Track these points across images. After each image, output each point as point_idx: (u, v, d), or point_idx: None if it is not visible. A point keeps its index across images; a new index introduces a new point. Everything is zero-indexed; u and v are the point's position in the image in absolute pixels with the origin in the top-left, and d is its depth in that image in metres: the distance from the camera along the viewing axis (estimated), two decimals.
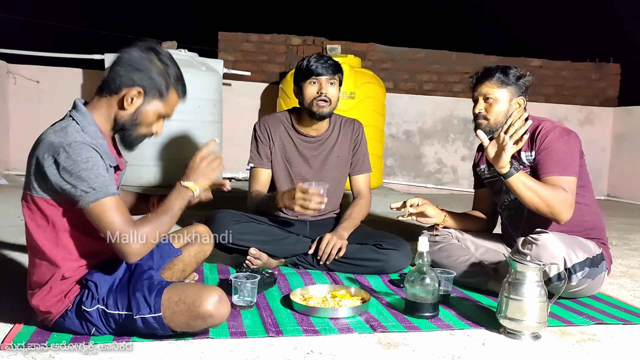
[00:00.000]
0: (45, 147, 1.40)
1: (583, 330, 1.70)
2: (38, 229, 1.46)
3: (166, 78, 1.51)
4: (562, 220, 1.92)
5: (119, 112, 1.50)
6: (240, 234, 2.22)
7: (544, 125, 2.06)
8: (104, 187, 1.38)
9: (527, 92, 2.13)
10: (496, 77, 2.08)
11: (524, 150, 2.06)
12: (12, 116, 4.92)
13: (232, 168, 5.00)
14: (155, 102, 1.51)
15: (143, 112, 1.51)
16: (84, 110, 1.48)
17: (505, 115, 2.08)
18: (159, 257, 1.77)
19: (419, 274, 1.74)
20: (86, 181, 1.37)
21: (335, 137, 2.46)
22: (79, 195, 1.37)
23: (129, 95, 1.47)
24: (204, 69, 4.48)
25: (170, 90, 1.52)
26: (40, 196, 1.43)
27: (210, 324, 1.46)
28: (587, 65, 6.28)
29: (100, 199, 1.38)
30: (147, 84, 1.48)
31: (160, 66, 1.50)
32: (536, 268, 1.60)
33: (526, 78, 2.10)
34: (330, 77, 2.30)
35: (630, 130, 5.92)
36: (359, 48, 5.66)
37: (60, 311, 1.48)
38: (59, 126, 1.44)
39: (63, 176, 1.37)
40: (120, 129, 1.53)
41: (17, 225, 2.88)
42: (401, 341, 1.56)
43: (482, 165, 2.30)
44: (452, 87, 5.99)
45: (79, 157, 1.37)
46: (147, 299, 1.43)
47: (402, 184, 5.72)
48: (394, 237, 2.38)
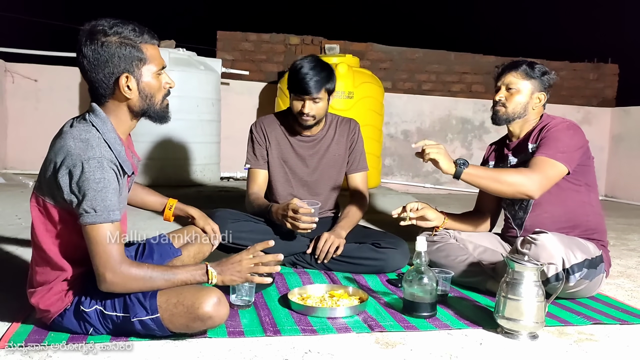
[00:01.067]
0: (64, 155, 1.38)
1: (580, 330, 1.71)
2: (47, 232, 1.45)
3: (129, 44, 1.44)
4: (533, 197, 1.96)
5: (128, 104, 1.49)
6: (238, 232, 2.22)
7: (555, 120, 2.11)
8: (105, 212, 1.37)
9: (550, 89, 2.17)
10: (522, 69, 2.13)
11: (530, 142, 2.10)
12: (10, 115, 4.92)
13: (230, 167, 5.00)
14: (144, 69, 1.48)
15: (145, 86, 1.48)
16: (103, 116, 1.46)
17: (523, 107, 2.13)
18: (159, 257, 1.77)
19: (417, 274, 1.75)
20: (91, 201, 1.35)
21: (332, 136, 2.47)
22: (81, 212, 1.36)
23: (123, 86, 1.45)
24: (202, 68, 4.48)
25: (142, 48, 1.47)
26: (52, 203, 1.42)
27: (209, 325, 1.46)
28: (585, 65, 6.29)
29: (98, 223, 1.36)
30: (124, 64, 1.44)
31: (116, 39, 1.43)
32: (534, 268, 1.61)
33: (551, 75, 2.15)
34: (314, 96, 2.26)
35: (628, 130, 5.93)
36: (358, 48, 5.66)
37: (59, 310, 1.48)
38: (79, 131, 1.41)
39: (73, 189, 1.36)
40: (142, 114, 1.52)
41: (15, 224, 2.87)
42: (399, 341, 1.57)
43: (490, 162, 2.32)
44: (450, 87, 6.00)
45: (93, 176, 1.36)
46: (142, 301, 1.43)
47: (401, 183, 5.73)
48: (392, 236, 2.38)
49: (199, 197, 3.91)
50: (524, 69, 2.12)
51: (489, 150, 2.38)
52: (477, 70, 5.97)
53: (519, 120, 2.15)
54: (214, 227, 1.95)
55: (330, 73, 2.33)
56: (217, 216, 2.24)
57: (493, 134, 5.62)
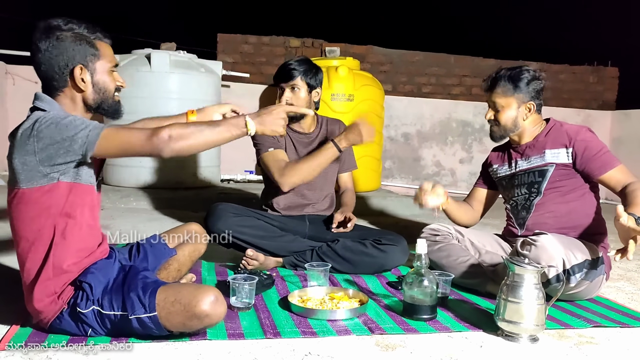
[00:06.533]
0: (27, 126, 1.40)
1: (581, 333, 1.70)
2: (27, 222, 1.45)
3: (84, 39, 1.50)
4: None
5: (83, 96, 1.52)
6: (239, 226, 2.24)
7: (571, 127, 2.13)
8: (96, 124, 1.39)
9: (541, 94, 2.16)
10: (502, 86, 2.12)
11: (549, 149, 2.11)
12: (10, 117, 4.92)
13: (230, 170, 5.00)
14: (98, 64, 1.52)
15: (99, 80, 1.53)
16: (49, 99, 1.49)
17: (514, 121, 2.14)
18: (154, 258, 1.77)
19: (417, 276, 1.75)
20: (74, 128, 1.37)
21: (324, 135, 2.52)
22: (79, 144, 1.37)
23: (78, 78, 1.48)
24: (202, 70, 4.49)
25: (96, 44, 1.52)
26: (31, 186, 1.42)
27: (206, 324, 1.46)
28: (585, 68, 6.30)
29: (101, 132, 1.38)
30: (78, 57, 1.48)
31: (71, 34, 1.48)
32: (534, 270, 1.60)
33: (537, 82, 2.13)
34: (287, 83, 2.36)
35: (627, 133, 5.94)
36: (358, 50, 5.67)
37: (54, 313, 1.47)
38: (29, 119, 1.43)
39: (49, 142, 1.37)
40: (97, 107, 1.55)
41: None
42: (399, 343, 1.56)
43: (494, 165, 2.32)
44: (450, 90, 6.00)
45: (56, 120, 1.38)
46: (142, 298, 1.43)
47: (401, 186, 5.73)
48: (391, 234, 2.43)
49: (199, 199, 3.91)
50: (503, 85, 2.11)
51: (495, 157, 2.36)
52: (477, 73, 5.98)
53: (515, 132, 2.16)
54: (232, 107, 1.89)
55: (313, 68, 2.41)
56: (219, 210, 2.25)
57: None
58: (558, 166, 2.08)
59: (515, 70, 2.12)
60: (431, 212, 2.26)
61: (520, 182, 2.18)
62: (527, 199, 2.15)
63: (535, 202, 2.12)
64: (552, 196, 2.08)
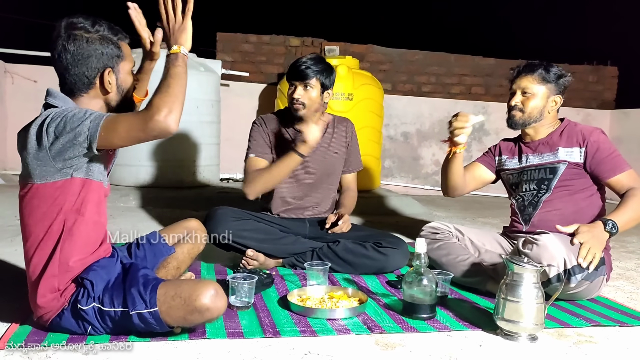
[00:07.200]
0: (31, 135, 1.41)
1: (580, 332, 1.71)
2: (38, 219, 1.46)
3: (109, 41, 1.50)
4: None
5: (107, 97, 1.53)
6: (239, 231, 2.23)
7: (585, 127, 2.15)
8: (97, 114, 1.39)
9: (565, 92, 2.18)
10: (537, 73, 2.13)
11: (562, 147, 2.12)
12: (9, 116, 4.92)
13: (230, 169, 5.00)
14: (121, 65, 1.54)
15: (122, 82, 1.55)
16: (62, 96, 1.49)
17: (540, 111, 2.14)
18: (153, 256, 1.78)
19: (416, 275, 1.75)
20: (78, 120, 1.37)
21: (331, 134, 2.49)
22: (83, 136, 1.37)
23: (106, 80, 1.49)
24: (202, 69, 4.48)
25: (119, 46, 1.53)
26: (45, 182, 1.43)
27: (207, 317, 1.45)
28: (585, 67, 6.30)
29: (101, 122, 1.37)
30: (106, 59, 1.49)
31: (96, 36, 1.48)
32: (533, 269, 1.61)
33: (566, 78, 2.16)
34: (302, 82, 2.31)
35: (627, 133, 5.93)
36: (358, 49, 5.67)
37: (56, 309, 1.47)
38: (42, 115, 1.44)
39: (58, 135, 1.38)
40: (118, 107, 1.56)
41: (15, 225, 2.86)
42: (398, 342, 1.57)
43: (504, 156, 2.32)
44: (450, 89, 6.00)
45: (64, 113, 1.39)
46: (143, 294, 1.43)
47: (400, 185, 5.73)
48: (392, 236, 2.42)
49: (198, 198, 3.91)
50: (539, 73, 2.12)
51: (505, 147, 2.34)
52: (477, 72, 5.98)
53: (535, 124, 2.16)
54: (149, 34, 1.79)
55: (328, 68, 2.37)
56: (219, 214, 2.24)
57: (492, 136, 5.63)
58: (570, 164, 2.09)
59: (546, 63, 2.15)
60: (446, 143, 2.23)
61: (530, 178, 2.18)
62: (535, 195, 2.15)
63: (544, 198, 2.12)
64: (561, 194, 2.09)
